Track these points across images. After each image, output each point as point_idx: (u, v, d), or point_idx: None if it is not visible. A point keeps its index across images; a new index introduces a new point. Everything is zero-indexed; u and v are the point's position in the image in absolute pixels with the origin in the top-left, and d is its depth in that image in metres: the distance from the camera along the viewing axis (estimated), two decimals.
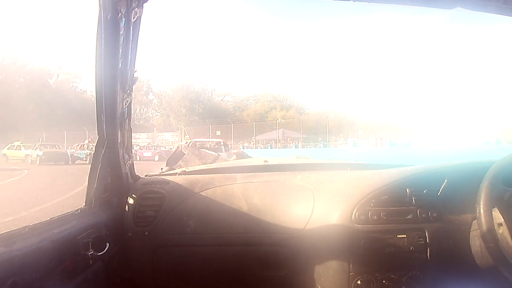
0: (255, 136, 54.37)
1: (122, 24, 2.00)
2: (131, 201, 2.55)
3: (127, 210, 2.53)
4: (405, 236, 2.18)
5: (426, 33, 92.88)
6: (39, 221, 1.85)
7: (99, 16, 1.95)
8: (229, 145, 43.18)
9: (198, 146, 21.95)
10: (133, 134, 2.68)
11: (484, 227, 1.94)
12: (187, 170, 3.05)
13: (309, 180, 2.58)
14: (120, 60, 2.13)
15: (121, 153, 2.45)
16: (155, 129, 72.36)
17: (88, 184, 2.36)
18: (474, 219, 2.09)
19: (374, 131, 44.39)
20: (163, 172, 3.14)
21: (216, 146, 29.22)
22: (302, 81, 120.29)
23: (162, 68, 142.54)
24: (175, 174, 2.92)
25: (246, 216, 2.46)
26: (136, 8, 2.05)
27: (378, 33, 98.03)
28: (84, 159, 34.83)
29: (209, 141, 32.68)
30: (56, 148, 41.52)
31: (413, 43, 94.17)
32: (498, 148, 25.84)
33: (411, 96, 63.53)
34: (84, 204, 2.35)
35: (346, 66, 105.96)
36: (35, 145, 38.01)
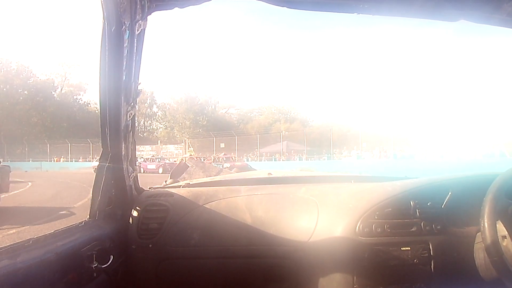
0: (259, 148, 54.40)
1: (126, 37, 2.01)
2: (135, 213, 2.55)
3: (131, 222, 2.53)
4: (409, 248, 2.17)
5: (430, 45, 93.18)
6: (43, 234, 1.86)
7: (103, 29, 1.95)
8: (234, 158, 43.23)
9: None
10: (137, 147, 2.68)
11: (488, 240, 1.94)
12: (191, 183, 3.05)
13: (313, 192, 2.57)
14: (124, 73, 2.13)
15: (125, 166, 2.45)
16: (159, 141, 72.59)
17: (92, 196, 2.36)
18: (478, 232, 2.08)
19: (378, 144, 44.40)
20: (167, 184, 3.13)
21: None
22: (306, 93, 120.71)
23: (166, 81, 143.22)
24: (179, 186, 2.91)
25: (250, 228, 2.46)
26: (140, 21, 2.06)
27: (382, 46, 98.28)
28: None
29: None
30: None
31: (417, 56, 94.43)
32: (502, 161, 25.81)
33: (415, 108, 63.54)
34: (88, 216, 2.35)
35: (350, 78, 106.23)
36: None
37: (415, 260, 2.16)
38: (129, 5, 1.95)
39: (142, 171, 40.51)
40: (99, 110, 2.27)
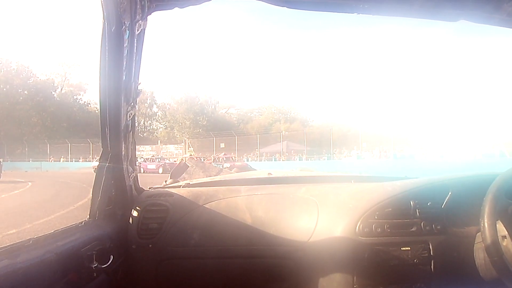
0: (259, 148, 54.36)
1: (126, 37, 2.00)
2: (135, 213, 2.54)
3: (131, 222, 2.53)
4: (409, 248, 2.17)
5: (430, 45, 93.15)
6: (43, 234, 1.85)
7: (103, 29, 1.95)
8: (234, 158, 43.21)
9: None
10: (137, 147, 2.68)
11: (488, 240, 1.94)
12: (191, 183, 3.04)
13: (313, 192, 2.57)
14: (124, 73, 2.13)
15: (125, 166, 2.45)
16: (159, 141, 72.56)
17: (92, 196, 2.36)
18: (478, 232, 2.08)
19: (378, 144, 44.38)
20: (167, 184, 3.13)
21: None
22: (306, 93, 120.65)
23: (166, 81, 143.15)
24: (179, 186, 2.91)
25: (250, 228, 2.46)
26: (140, 21, 2.06)
27: (382, 46, 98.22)
28: None
29: None
30: None
31: (418, 56, 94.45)
32: (502, 161, 25.83)
33: (415, 108, 63.50)
34: (88, 216, 2.35)
35: (351, 78, 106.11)
36: None
37: (415, 260, 2.16)
38: (129, 5, 1.94)
39: (142, 171, 40.55)
40: (99, 110, 2.27)
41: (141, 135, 75.81)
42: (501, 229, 2.01)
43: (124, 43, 2.01)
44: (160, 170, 42.45)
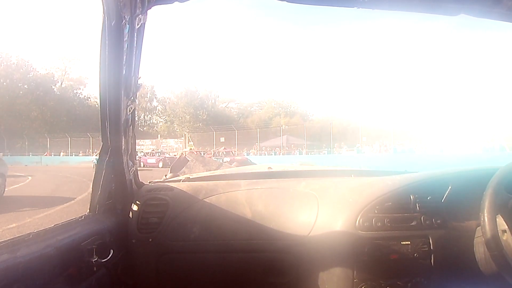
0: (259, 142, 54.34)
1: (126, 31, 1.99)
2: (135, 207, 2.54)
3: (131, 216, 2.52)
4: (409, 242, 2.17)
5: (430, 39, 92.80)
6: (43, 228, 1.85)
7: (103, 23, 1.94)
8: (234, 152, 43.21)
9: None
10: (137, 141, 2.68)
11: (488, 234, 1.94)
12: (191, 177, 3.04)
13: (313, 186, 2.57)
14: (124, 67, 2.12)
15: (125, 160, 2.45)
16: (159, 135, 72.54)
17: (92, 191, 2.36)
18: (478, 226, 2.09)
19: (378, 138, 44.35)
20: (167, 178, 3.13)
21: None
22: (307, 87, 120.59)
23: (166, 75, 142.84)
24: (179, 180, 2.91)
25: (250, 222, 2.46)
26: (140, 15, 2.05)
27: (382, 40, 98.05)
28: None
29: None
30: None
31: (417, 50, 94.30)
32: (502, 155, 25.81)
33: (415, 102, 63.49)
34: (88, 210, 2.34)
35: (351, 72, 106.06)
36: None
37: (415, 254, 2.17)
38: None
39: (142, 165, 40.53)
40: (99, 105, 2.26)
41: (141, 129, 75.80)
42: (501, 223, 2.01)
43: (124, 38, 2.01)
44: (160, 164, 42.45)
